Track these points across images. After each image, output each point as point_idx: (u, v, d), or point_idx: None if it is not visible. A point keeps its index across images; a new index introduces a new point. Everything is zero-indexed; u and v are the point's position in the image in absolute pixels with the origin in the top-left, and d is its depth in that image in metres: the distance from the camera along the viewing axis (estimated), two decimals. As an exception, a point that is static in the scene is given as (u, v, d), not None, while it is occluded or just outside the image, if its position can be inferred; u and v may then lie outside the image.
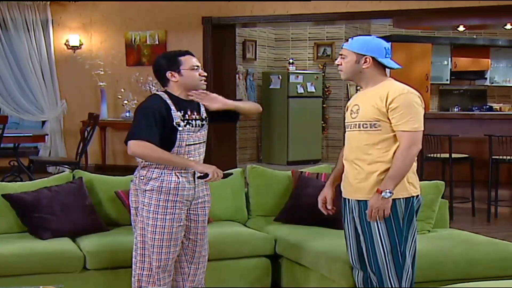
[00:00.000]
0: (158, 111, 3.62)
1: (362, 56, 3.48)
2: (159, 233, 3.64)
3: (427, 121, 9.46)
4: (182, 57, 3.73)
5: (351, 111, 3.58)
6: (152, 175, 3.66)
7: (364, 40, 3.56)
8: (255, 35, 11.72)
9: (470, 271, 4.04)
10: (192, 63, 3.73)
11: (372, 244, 3.49)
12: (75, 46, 10.27)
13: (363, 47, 3.50)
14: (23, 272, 4.10)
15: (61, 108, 10.25)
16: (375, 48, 3.51)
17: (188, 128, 3.69)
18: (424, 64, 12.17)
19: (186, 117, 3.69)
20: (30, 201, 4.50)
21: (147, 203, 3.66)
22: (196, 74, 3.74)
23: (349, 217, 3.62)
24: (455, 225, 5.43)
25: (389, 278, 3.50)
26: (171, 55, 3.77)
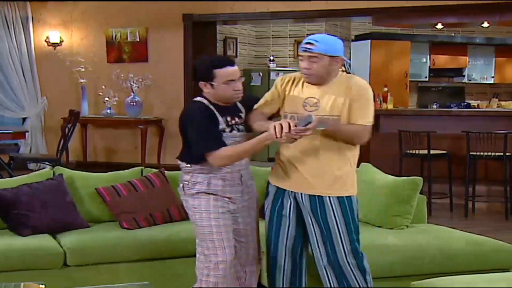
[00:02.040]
0: (208, 116, 3.53)
1: (334, 58, 3.45)
2: (217, 233, 3.56)
3: (407, 117, 9.52)
4: (218, 69, 3.52)
5: (305, 103, 3.49)
6: (197, 179, 3.60)
7: (332, 42, 3.50)
8: (236, 32, 11.72)
9: (447, 266, 4.08)
10: (228, 77, 3.53)
11: (331, 242, 3.50)
12: (55, 43, 10.21)
13: (334, 49, 3.46)
14: (3, 269, 4.07)
15: (41, 105, 10.19)
16: (342, 47, 3.51)
17: (234, 133, 3.60)
18: (403, 61, 12.23)
19: (229, 123, 3.59)
20: (10, 198, 4.47)
21: (197, 205, 3.60)
22: (229, 89, 3.55)
23: (292, 209, 3.59)
24: (433, 220, 5.47)
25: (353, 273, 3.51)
26: (208, 66, 3.56)
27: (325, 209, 3.49)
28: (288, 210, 3.61)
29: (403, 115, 9.34)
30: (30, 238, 4.32)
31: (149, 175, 4.94)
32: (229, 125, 3.60)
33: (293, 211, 3.60)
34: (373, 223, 4.61)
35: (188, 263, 4.46)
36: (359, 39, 12.23)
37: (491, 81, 13.21)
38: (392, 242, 4.20)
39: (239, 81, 3.59)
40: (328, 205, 3.49)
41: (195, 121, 3.55)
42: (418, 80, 12.81)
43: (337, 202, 3.49)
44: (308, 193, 3.52)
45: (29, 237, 4.33)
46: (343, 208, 3.49)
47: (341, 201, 3.50)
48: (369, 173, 4.85)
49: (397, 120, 8.83)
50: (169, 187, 4.89)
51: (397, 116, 9.17)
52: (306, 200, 3.54)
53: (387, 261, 4.01)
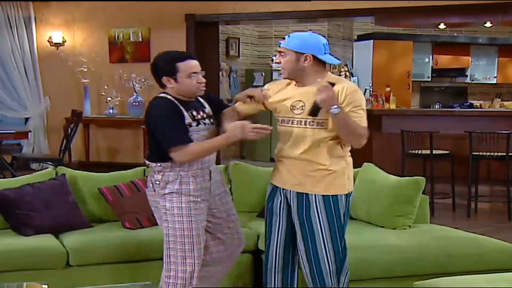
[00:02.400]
0: (173, 110, 3.52)
1: (301, 54, 3.44)
2: (188, 236, 3.55)
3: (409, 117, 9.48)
4: (180, 63, 3.53)
5: (292, 106, 3.50)
6: (169, 179, 3.56)
7: (302, 38, 3.48)
8: (238, 32, 11.72)
9: (449, 266, 4.08)
10: (190, 69, 3.54)
11: (313, 240, 3.48)
12: (58, 43, 10.22)
13: (302, 45, 3.45)
14: (6, 269, 4.08)
15: (44, 105, 10.20)
16: (314, 45, 3.47)
17: (200, 127, 3.59)
18: (405, 61, 12.23)
19: (194, 117, 3.58)
20: (13, 198, 4.48)
21: (169, 207, 3.56)
22: (194, 81, 3.55)
23: (282, 206, 3.60)
24: (436, 220, 5.47)
25: (330, 272, 3.49)
26: (169, 60, 3.56)
27: (309, 207, 3.48)
28: (279, 208, 3.61)
29: (406, 115, 9.34)
30: (33, 238, 4.33)
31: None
32: (195, 119, 3.58)
33: (284, 209, 3.60)
34: (375, 223, 4.61)
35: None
36: (362, 39, 12.23)
37: (494, 81, 13.21)
38: (394, 242, 4.20)
39: (201, 74, 3.61)
40: (312, 203, 3.47)
41: (161, 116, 3.52)
42: (420, 80, 12.81)
43: (322, 201, 3.47)
44: (296, 191, 3.52)
45: (32, 237, 4.34)
46: (327, 207, 3.46)
47: (326, 200, 3.47)
48: (372, 173, 4.85)
49: (400, 120, 8.82)
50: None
51: (399, 116, 9.16)
52: (294, 197, 3.53)
53: (390, 261, 4.02)
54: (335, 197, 3.48)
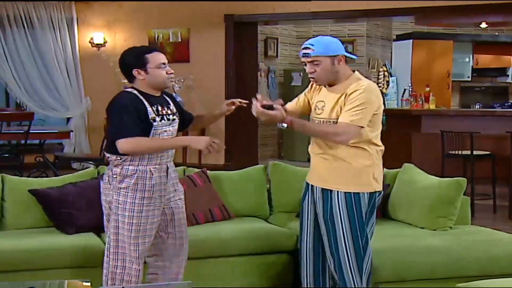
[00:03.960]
0: (134, 106, 3.54)
1: (335, 57, 3.50)
2: (135, 230, 3.58)
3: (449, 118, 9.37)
4: (148, 54, 3.60)
5: (316, 106, 3.62)
6: (127, 173, 3.57)
7: (328, 41, 3.57)
8: (277, 32, 11.72)
9: (492, 268, 4.02)
10: (159, 60, 3.60)
11: (334, 236, 3.52)
12: (99, 44, 10.34)
13: (331, 48, 3.51)
14: (49, 267, 4.13)
15: (85, 105, 10.32)
16: (340, 45, 3.56)
17: (163, 122, 3.62)
18: (445, 61, 12.09)
19: (159, 112, 3.62)
20: (56, 197, 4.54)
21: (122, 201, 3.58)
22: (163, 72, 3.61)
23: (309, 201, 3.67)
24: (477, 222, 5.39)
25: (350, 269, 3.52)
26: (137, 52, 3.63)
27: (332, 204, 3.52)
28: (307, 204, 3.68)
29: (446, 115, 9.23)
30: (75, 236, 4.38)
31: (192, 174, 4.96)
32: (159, 115, 3.60)
33: (311, 204, 3.67)
34: (416, 224, 4.56)
35: (228, 263, 4.49)
36: (401, 38, 12.12)
37: (536, 80, 12.98)
38: (436, 243, 4.15)
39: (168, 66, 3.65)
40: (335, 199, 3.52)
41: (119, 107, 3.55)
42: (460, 80, 12.65)
43: (344, 198, 3.50)
44: (321, 186, 3.58)
45: (74, 235, 4.39)
46: (348, 205, 3.49)
47: (347, 197, 3.50)
48: (412, 174, 4.80)
49: (439, 120, 8.72)
50: (211, 187, 4.91)
51: (439, 116, 9.06)
52: (319, 193, 3.59)
53: (432, 262, 3.97)
54: (357, 195, 3.51)
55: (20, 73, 10.05)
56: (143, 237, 3.62)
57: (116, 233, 3.64)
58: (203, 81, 9.98)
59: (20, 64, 10.05)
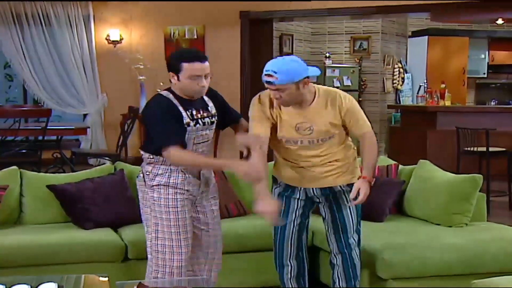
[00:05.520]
0: (170, 111, 3.52)
1: (299, 81, 3.44)
2: (174, 226, 3.58)
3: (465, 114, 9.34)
4: (186, 63, 3.48)
5: (297, 128, 3.57)
6: (159, 171, 3.60)
7: (292, 68, 3.44)
8: (292, 29, 11.69)
9: (508, 265, 3.99)
10: (193, 72, 3.48)
11: (343, 223, 3.71)
12: (115, 41, 10.36)
13: (295, 74, 3.43)
14: (67, 261, 4.17)
15: (101, 101, 10.36)
16: (302, 67, 3.47)
17: (198, 127, 3.60)
18: (461, 57, 12.03)
19: (193, 116, 3.58)
20: (74, 192, 4.56)
21: (157, 197, 3.60)
22: (194, 84, 3.50)
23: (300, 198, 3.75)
24: (492, 218, 5.35)
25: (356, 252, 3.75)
26: (177, 58, 3.55)
27: (336, 195, 3.70)
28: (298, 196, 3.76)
29: (461, 112, 9.19)
30: (93, 231, 4.41)
31: (208, 171, 4.96)
32: (193, 119, 3.57)
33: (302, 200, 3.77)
34: (431, 221, 4.54)
35: (244, 259, 4.50)
36: (416, 35, 12.07)
37: (552, 77, 12.88)
38: (452, 240, 4.12)
39: (206, 78, 3.54)
40: (340, 191, 3.69)
41: (156, 114, 3.53)
42: (476, 76, 12.57)
43: (348, 188, 3.66)
44: (320, 187, 3.69)
45: (92, 231, 4.42)
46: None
47: (351, 188, 3.62)
48: (428, 170, 4.78)
49: (455, 117, 8.69)
50: (227, 183, 4.91)
51: (455, 113, 9.03)
52: (318, 191, 3.71)
53: (448, 259, 3.95)
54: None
55: (37, 70, 10.11)
56: (183, 232, 3.60)
57: (156, 230, 3.62)
58: (218, 77, 9.87)
59: (38, 61, 10.10)
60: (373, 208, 4.60)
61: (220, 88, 3.60)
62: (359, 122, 3.59)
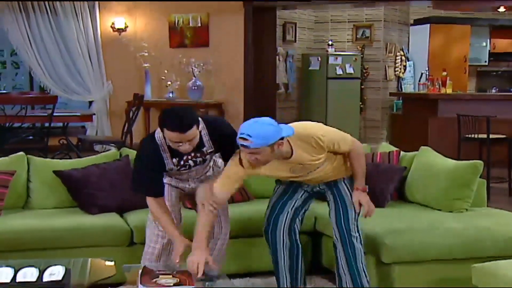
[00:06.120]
0: (153, 161, 3.58)
1: (274, 143, 3.41)
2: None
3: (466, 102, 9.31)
4: (167, 131, 3.42)
5: (293, 171, 3.67)
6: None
7: (266, 132, 3.38)
8: (295, 17, 11.65)
9: (508, 249, 3.99)
10: (173, 139, 3.44)
11: (345, 211, 3.80)
12: (120, 29, 10.35)
13: (270, 138, 3.39)
14: (73, 245, 4.19)
15: (107, 89, 10.36)
16: (277, 131, 3.43)
17: (181, 171, 3.72)
18: (462, 45, 11.99)
19: (181, 162, 3.64)
20: (80, 178, 4.58)
21: None
22: (176, 147, 3.47)
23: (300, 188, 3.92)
24: (492, 204, 5.35)
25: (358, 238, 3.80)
26: (162, 120, 3.45)
27: (338, 185, 3.84)
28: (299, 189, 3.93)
29: (462, 99, 9.17)
30: (99, 216, 4.42)
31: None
32: (179, 165, 3.65)
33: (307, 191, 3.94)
34: (432, 206, 4.54)
35: (249, 243, 4.51)
36: (418, 23, 12.03)
37: (553, 65, 12.84)
38: (452, 225, 4.13)
39: (188, 144, 3.45)
40: (342, 184, 3.84)
41: (139, 161, 3.65)
42: (477, 64, 12.53)
43: (349, 180, 3.84)
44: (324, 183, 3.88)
45: (98, 215, 4.43)
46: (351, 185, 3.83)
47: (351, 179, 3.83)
48: (429, 156, 4.78)
49: (456, 104, 8.67)
50: (231, 169, 4.91)
51: (456, 100, 9.01)
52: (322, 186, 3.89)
53: (448, 243, 3.96)
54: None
55: (43, 58, 10.11)
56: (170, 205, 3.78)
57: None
58: (222, 65, 9.98)
59: (44, 49, 10.10)
60: (375, 194, 4.59)
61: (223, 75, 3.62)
62: (341, 146, 3.67)
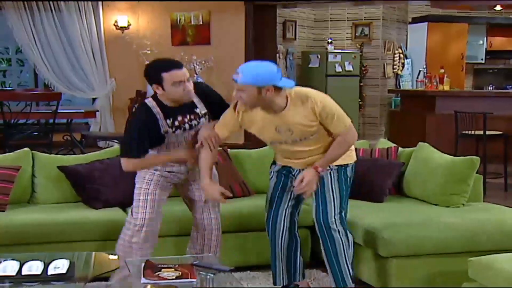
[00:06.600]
0: (145, 124, 3.60)
1: (262, 87, 3.39)
2: (144, 194, 3.78)
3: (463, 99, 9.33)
4: (165, 73, 3.53)
5: (278, 131, 3.58)
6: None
7: (258, 72, 3.41)
8: (295, 15, 11.65)
9: (504, 243, 4.00)
10: (174, 79, 3.53)
11: (324, 202, 3.68)
12: (123, 26, 10.35)
13: (260, 79, 3.39)
14: (78, 239, 4.20)
15: (110, 86, 10.36)
16: (270, 76, 3.41)
17: (178, 132, 3.70)
18: (460, 43, 11.99)
19: (176, 124, 3.65)
20: (84, 173, 4.59)
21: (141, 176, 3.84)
22: (180, 89, 3.56)
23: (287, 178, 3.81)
24: (488, 199, 5.35)
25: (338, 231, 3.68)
26: (156, 69, 3.58)
27: (322, 177, 3.68)
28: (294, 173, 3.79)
29: (460, 96, 9.16)
30: (102, 211, 4.44)
31: (213, 152, 4.97)
32: (174, 126, 3.66)
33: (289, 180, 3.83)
34: (429, 201, 4.55)
35: (250, 237, 4.52)
36: (416, 21, 12.02)
37: (548, 63, 12.83)
38: (449, 219, 4.13)
39: (188, 82, 3.59)
40: (327, 174, 3.68)
41: (130, 126, 3.66)
42: (474, 62, 12.53)
43: (336, 171, 3.70)
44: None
45: (101, 210, 4.45)
46: (339, 175, 3.70)
47: (339, 169, 3.70)
48: (427, 152, 4.78)
49: (453, 101, 8.67)
50: (232, 165, 4.93)
51: (453, 97, 9.00)
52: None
53: (445, 237, 3.96)
54: (346, 165, 3.74)
55: (48, 55, 10.12)
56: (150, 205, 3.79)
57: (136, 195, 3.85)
58: (223, 62, 9.97)
59: (48, 47, 10.10)
60: (373, 189, 4.62)
61: (225, 72, 3.62)
62: (333, 123, 3.54)
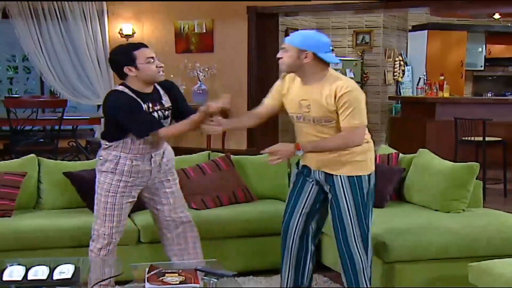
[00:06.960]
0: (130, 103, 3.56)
1: (302, 51, 3.42)
2: (110, 208, 3.71)
3: (463, 105, 9.33)
4: (136, 50, 3.57)
5: (300, 104, 3.51)
6: (109, 157, 3.68)
7: (305, 36, 3.48)
8: (297, 23, 11.66)
9: (504, 248, 4.00)
10: (146, 55, 3.57)
11: (340, 216, 3.54)
12: (128, 34, 10.36)
13: (303, 42, 3.43)
14: (83, 244, 4.17)
15: (115, 93, 10.37)
16: (316, 43, 3.44)
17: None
18: (459, 51, 11.99)
19: (150, 109, 3.63)
20: (89, 179, 4.55)
21: (102, 181, 3.72)
22: (153, 66, 3.59)
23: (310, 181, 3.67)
24: (488, 205, 5.34)
25: (357, 248, 3.54)
26: (125, 50, 3.61)
27: (335, 187, 3.54)
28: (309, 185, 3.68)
29: (459, 103, 9.17)
30: (107, 216, 4.42)
31: (216, 159, 4.98)
32: (150, 112, 3.62)
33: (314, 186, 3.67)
34: (430, 207, 4.55)
35: (253, 243, 4.52)
36: (416, 29, 12.04)
37: (547, 70, 12.82)
38: (449, 225, 4.13)
39: (158, 60, 3.62)
40: (338, 183, 3.53)
41: (123, 109, 3.55)
42: (473, 69, 12.53)
43: (348, 181, 3.52)
44: (323, 171, 3.58)
45: (106, 215, 4.43)
46: (352, 187, 3.51)
47: (351, 181, 3.52)
48: (427, 158, 4.78)
49: (453, 108, 8.67)
50: (234, 171, 4.93)
51: (453, 104, 9.01)
52: (322, 177, 3.59)
53: (445, 243, 3.96)
54: (359, 177, 3.53)
55: (54, 63, 10.13)
56: (118, 215, 3.74)
57: (96, 206, 3.78)
58: (226, 70, 9.98)
59: (54, 54, 10.12)
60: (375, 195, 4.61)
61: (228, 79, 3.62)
62: (345, 114, 3.38)
